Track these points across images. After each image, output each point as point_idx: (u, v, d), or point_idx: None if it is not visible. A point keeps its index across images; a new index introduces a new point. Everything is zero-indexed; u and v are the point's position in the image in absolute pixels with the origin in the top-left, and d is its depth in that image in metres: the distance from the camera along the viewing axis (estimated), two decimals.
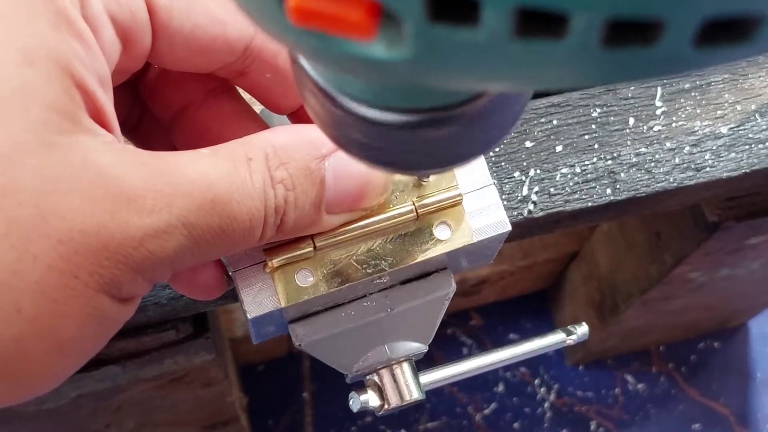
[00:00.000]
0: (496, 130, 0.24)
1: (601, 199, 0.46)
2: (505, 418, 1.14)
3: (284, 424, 1.11)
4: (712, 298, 0.94)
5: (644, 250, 0.80)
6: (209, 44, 0.31)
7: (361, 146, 0.23)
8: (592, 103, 0.48)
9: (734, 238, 0.66)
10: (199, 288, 0.34)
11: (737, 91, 0.49)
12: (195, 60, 0.31)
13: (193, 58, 0.31)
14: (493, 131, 0.24)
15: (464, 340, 1.17)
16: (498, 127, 0.24)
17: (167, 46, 0.30)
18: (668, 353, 1.18)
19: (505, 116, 0.23)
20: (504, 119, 0.24)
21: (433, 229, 0.35)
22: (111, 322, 0.27)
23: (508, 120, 0.24)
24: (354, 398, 0.38)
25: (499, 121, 0.23)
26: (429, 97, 0.21)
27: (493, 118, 0.23)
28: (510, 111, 0.23)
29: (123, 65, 0.30)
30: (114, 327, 0.27)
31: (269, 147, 0.29)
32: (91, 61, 0.26)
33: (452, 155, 0.24)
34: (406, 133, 0.22)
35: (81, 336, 0.26)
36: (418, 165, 0.24)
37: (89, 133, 0.26)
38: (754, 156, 0.47)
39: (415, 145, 0.23)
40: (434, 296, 0.38)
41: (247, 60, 0.32)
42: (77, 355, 0.27)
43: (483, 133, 0.23)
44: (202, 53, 0.31)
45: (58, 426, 0.64)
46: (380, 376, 0.38)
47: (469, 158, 0.24)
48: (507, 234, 0.37)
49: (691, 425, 1.15)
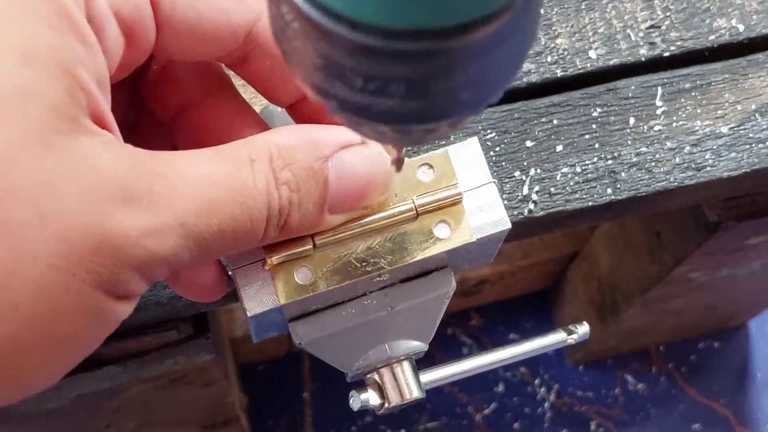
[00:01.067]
0: (504, 68, 0.22)
1: (601, 198, 0.46)
2: (505, 418, 1.14)
3: (284, 424, 1.11)
4: (712, 298, 0.94)
5: (644, 250, 0.80)
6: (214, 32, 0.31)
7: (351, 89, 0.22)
8: (593, 103, 0.48)
9: (734, 238, 0.66)
10: (199, 289, 0.34)
11: (737, 91, 0.49)
12: (199, 49, 0.32)
13: (198, 47, 0.31)
14: (501, 68, 0.22)
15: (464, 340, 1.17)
16: (506, 63, 0.22)
17: (171, 36, 0.30)
18: (668, 353, 1.18)
19: (514, 48, 0.22)
20: (514, 52, 0.22)
21: (432, 228, 0.35)
22: (108, 320, 0.27)
23: (517, 54, 0.22)
24: (354, 397, 0.38)
25: (507, 55, 0.22)
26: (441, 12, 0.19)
27: (501, 49, 0.21)
28: (519, 42, 0.22)
29: (126, 60, 0.30)
30: (111, 324, 0.27)
31: (273, 147, 0.29)
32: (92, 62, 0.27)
33: (454, 98, 0.22)
34: (405, 65, 0.20)
35: (78, 333, 0.26)
36: (415, 113, 0.23)
37: (88, 134, 0.26)
38: (755, 156, 0.47)
39: (414, 82, 0.21)
40: (434, 295, 0.38)
41: (249, 46, 0.32)
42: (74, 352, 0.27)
43: (488, 70, 0.22)
44: (207, 42, 0.31)
45: (58, 426, 0.64)
46: (380, 375, 0.38)
47: (470, 106, 0.23)
48: (507, 232, 0.37)
49: (691, 425, 1.15)
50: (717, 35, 0.50)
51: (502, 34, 0.21)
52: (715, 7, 0.51)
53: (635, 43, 0.49)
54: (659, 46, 0.50)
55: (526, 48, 0.23)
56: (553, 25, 0.50)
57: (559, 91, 0.48)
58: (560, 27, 0.50)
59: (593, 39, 0.49)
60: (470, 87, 0.22)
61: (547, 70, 0.49)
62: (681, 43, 0.50)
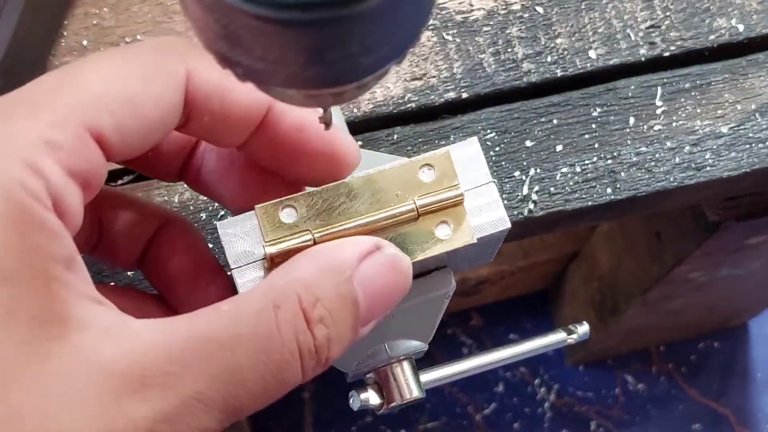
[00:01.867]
0: (400, 31, 0.22)
1: (601, 198, 0.46)
2: (505, 418, 1.14)
3: (284, 424, 1.11)
4: (712, 298, 0.94)
5: (644, 250, 0.80)
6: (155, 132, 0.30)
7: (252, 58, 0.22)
8: (593, 103, 0.48)
9: (734, 238, 0.66)
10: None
11: (737, 91, 0.49)
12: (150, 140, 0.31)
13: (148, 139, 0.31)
14: (396, 32, 0.22)
15: (464, 340, 1.17)
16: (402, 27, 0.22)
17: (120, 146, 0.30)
18: (668, 353, 1.18)
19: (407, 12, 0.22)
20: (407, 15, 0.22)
21: (433, 229, 0.35)
22: None
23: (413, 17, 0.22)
24: (354, 397, 0.38)
25: (401, 19, 0.22)
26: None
27: (393, 14, 0.21)
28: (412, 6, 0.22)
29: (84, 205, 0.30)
30: None
31: (300, 287, 0.28)
32: (59, 248, 0.26)
33: (354, 64, 0.22)
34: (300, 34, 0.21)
35: None
36: (317, 79, 0.23)
37: (83, 328, 0.25)
38: (755, 155, 0.47)
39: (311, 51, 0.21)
40: (434, 294, 0.38)
41: (187, 109, 0.32)
42: None
43: (383, 35, 0.22)
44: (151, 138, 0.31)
45: None
46: (380, 375, 0.38)
47: (372, 69, 0.23)
48: (507, 232, 0.37)
49: (691, 425, 1.15)
50: (717, 35, 0.50)
51: (392, 2, 0.21)
52: (715, 7, 0.51)
53: (635, 42, 0.49)
54: (659, 45, 0.50)
55: (421, 11, 0.23)
56: (553, 25, 0.50)
57: (558, 91, 0.48)
58: (560, 27, 0.50)
59: (593, 39, 0.49)
60: (368, 52, 0.22)
61: (547, 70, 0.49)
62: (681, 43, 0.50)
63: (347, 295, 0.29)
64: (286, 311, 0.27)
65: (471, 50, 0.49)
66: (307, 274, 0.29)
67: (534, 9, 0.50)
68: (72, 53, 0.47)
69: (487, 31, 0.49)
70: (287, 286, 0.28)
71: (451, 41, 0.49)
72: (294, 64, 0.22)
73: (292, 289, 0.28)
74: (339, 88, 0.24)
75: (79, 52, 0.48)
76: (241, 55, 0.23)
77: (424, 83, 0.48)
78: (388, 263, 0.31)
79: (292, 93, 0.25)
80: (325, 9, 0.20)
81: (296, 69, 0.22)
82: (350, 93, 0.26)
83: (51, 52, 0.48)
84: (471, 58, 0.48)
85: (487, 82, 0.48)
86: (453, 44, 0.49)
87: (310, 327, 0.28)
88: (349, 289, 0.29)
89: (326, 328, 0.28)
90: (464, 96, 0.48)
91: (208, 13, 0.22)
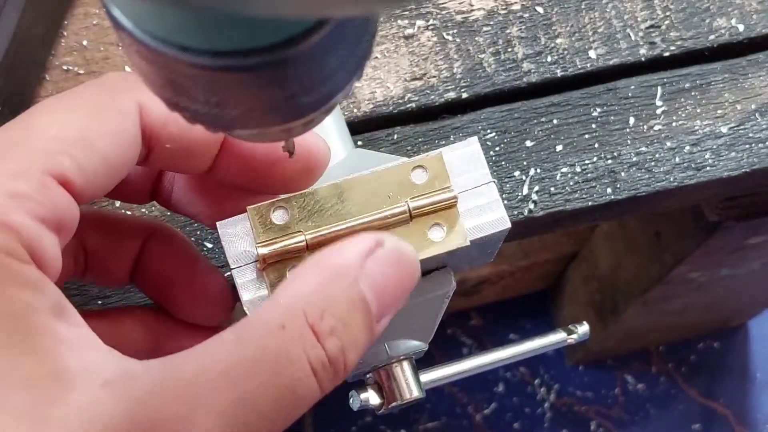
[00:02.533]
0: (339, 71, 0.23)
1: (601, 198, 0.46)
2: (505, 418, 1.14)
3: None
4: (712, 298, 0.94)
5: (644, 250, 0.80)
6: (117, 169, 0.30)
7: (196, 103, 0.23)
8: (593, 103, 0.48)
9: (734, 238, 0.66)
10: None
11: (737, 91, 0.49)
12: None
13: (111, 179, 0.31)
14: (336, 72, 0.23)
15: (464, 340, 1.17)
16: (340, 66, 0.23)
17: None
18: (668, 353, 1.18)
19: (345, 52, 0.22)
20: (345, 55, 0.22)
21: (426, 231, 0.35)
22: None
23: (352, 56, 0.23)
24: (354, 397, 0.38)
25: (339, 59, 0.22)
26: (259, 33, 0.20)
27: (329, 55, 0.22)
28: (349, 47, 0.22)
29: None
30: None
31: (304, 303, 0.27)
32: (48, 300, 0.26)
33: (296, 103, 0.23)
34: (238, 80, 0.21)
35: None
36: (262, 120, 0.23)
37: (80, 384, 0.25)
38: (755, 155, 0.47)
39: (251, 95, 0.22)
40: (434, 294, 0.38)
41: (149, 142, 0.32)
42: None
43: (322, 75, 0.22)
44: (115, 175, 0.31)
45: None
46: (380, 375, 0.38)
47: (315, 107, 0.23)
48: (507, 232, 0.37)
49: (691, 425, 1.15)
50: (717, 35, 0.50)
51: (327, 44, 0.21)
52: (715, 6, 0.51)
53: (635, 42, 0.49)
54: (659, 45, 0.50)
55: (359, 50, 0.23)
56: (553, 24, 0.50)
57: (559, 90, 0.48)
58: (560, 27, 0.50)
59: (593, 39, 0.49)
60: (308, 92, 0.23)
61: (547, 70, 0.49)
62: (681, 43, 0.50)
63: (356, 298, 0.28)
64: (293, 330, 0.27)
65: (471, 50, 0.49)
66: (311, 287, 0.28)
67: (534, 9, 0.50)
68: (72, 53, 0.47)
69: (487, 31, 0.49)
70: (291, 304, 0.27)
71: (451, 41, 0.49)
72: (237, 107, 0.23)
73: (296, 306, 0.27)
74: (285, 125, 0.24)
75: (79, 52, 0.48)
76: (186, 102, 0.23)
77: (424, 83, 0.48)
78: (393, 257, 0.30)
79: (241, 132, 0.25)
80: (261, 54, 0.20)
81: (239, 112, 0.23)
82: (297, 130, 0.26)
83: (51, 51, 0.47)
84: (471, 58, 0.48)
85: (487, 82, 0.48)
86: (453, 44, 0.49)
87: (321, 341, 0.27)
88: (357, 291, 0.28)
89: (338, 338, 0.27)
90: (464, 96, 0.48)
91: (151, 63, 0.22)
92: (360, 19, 0.22)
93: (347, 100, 0.47)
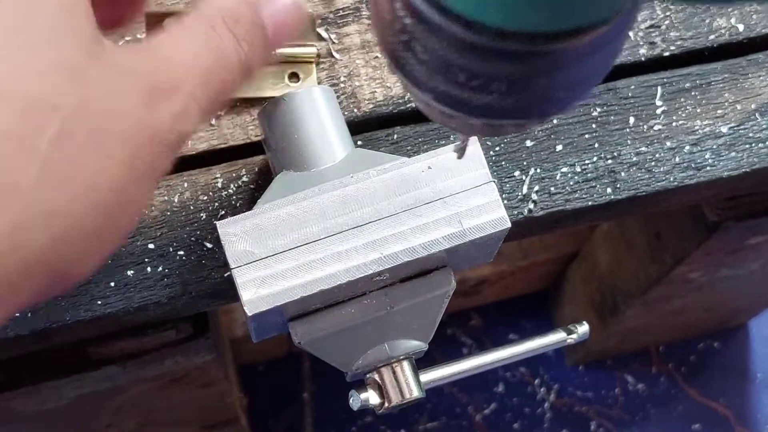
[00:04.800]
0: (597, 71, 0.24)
1: (601, 198, 0.46)
2: (505, 418, 1.14)
3: (284, 424, 1.11)
4: (712, 298, 0.94)
5: (644, 250, 0.80)
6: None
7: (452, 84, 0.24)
8: (593, 102, 0.48)
9: (734, 238, 0.66)
10: None
11: (737, 91, 0.49)
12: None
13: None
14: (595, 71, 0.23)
15: (464, 340, 1.17)
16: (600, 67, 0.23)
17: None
18: (668, 353, 1.18)
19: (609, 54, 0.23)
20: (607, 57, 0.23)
21: (285, 75, 0.44)
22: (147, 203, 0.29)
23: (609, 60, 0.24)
24: (354, 396, 0.38)
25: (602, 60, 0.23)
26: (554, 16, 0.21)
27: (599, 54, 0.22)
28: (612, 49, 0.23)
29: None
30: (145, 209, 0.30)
31: (221, 12, 0.33)
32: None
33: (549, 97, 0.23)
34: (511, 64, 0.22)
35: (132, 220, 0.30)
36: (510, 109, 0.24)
37: (105, 40, 0.29)
38: (755, 155, 0.47)
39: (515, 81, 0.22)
40: (434, 294, 0.38)
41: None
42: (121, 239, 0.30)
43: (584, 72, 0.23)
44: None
45: (58, 426, 0.64)
46: (380, 375, 0.38)
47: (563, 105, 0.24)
48: (507, 231, 0.37)
49: (691, 425, 1.15)
50: (717, 35, 0.50)
51: (603, 40, 0.22)
52: (714, 6, 0.51)
53: (635, 42, 0.49)
54: (659, 45, 0.50)
55: (616, 54, 0.24)
56: None
57: None
58: None
59: None
60: (566, 87, 0.23)
61: None
62: (681, 43, 0.50)
63: (259, 23, 0.33)
64: (221, 28, 0.32)
65: None
66: (226, 3, 0.33)
67: None
68: None
69: None
70: (212, 13, 0.32)
71: None
72: (494, 92, 0.23)
73: (216, 15, 0.32)
74: (525, 120, 0.25)
75: None
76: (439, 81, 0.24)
77: None
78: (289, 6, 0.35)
79: (475, 122, 0.26)
80: (545, 42, 0.21)
81: (493, 98, 0.23)
82: (529, 126, 0.27)
83: None
84: None
85: None
86: None
87: (239, 41, 0.33)
88: (260, 15, 0.34)
89: (246, 44, 0.33)
90: None
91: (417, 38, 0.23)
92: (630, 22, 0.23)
93: (347, 99, 0.47)
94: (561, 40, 0.21)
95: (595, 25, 0.21)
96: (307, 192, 0.37)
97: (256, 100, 0.46)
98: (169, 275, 0.43)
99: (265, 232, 0.36)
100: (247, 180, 0.45)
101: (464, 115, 0.25)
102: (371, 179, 0.36)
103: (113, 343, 0.49)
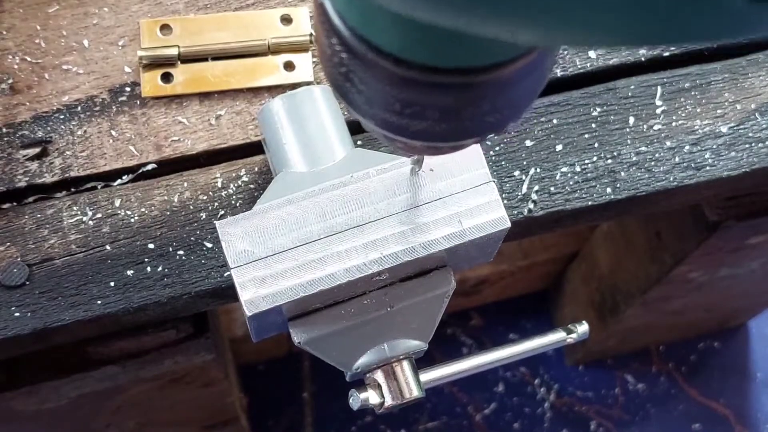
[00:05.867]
0: (525, 96, 0.25)
1: (601, 198, 0.46)
2: (505, 418, 1.14)
3: (284, 424, 1.11)
4: (712, 298, 0.94)
5: (644, 250, 0.80)
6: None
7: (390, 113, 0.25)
8: (593, 102, 0.48)
9: (734, 238, 0.66)
10: None
11: (737, 90, 0.49)
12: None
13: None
14: (523, 97, 0.25)
15: (464, 340, 1.17)
16: (527, 92, 0.25)
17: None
18: (668, 353, 1.18)
19: (536, 80, 0.25)
20: (535, 83, 0.25)
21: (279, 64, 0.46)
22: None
23: (538, 84, 0.25)
24: (354, 396, 0.38)
25: (530, 85, 0.25)
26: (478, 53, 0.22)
27: (525, 81, 0.24)
28: (540, 74, 0.25)
29: None
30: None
31: None
32: None
33: (481, 122, 0.25)
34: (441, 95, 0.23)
35: None
36: (445, 134, 0.26)
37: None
38: (755, 155, 0.47)
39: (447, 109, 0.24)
40: (434, 294, 0.38)
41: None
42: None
43: (511, 98, 0.24)
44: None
45: (58, 426, 0.64)
46: (380, 374, 0.38)
47: (495, 127, 0.26)
48: (506, 231, 0.37)
49: (691, 425, 1.15)
50: None
51: (526, 70, 0.23)
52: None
53: None
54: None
55: (544, 79, 0.26)
56: None
57: (558, 90, 0.48)
58: None
59: None
60: (496, 112, 0.25)
61: None
62: None
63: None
64: None
65: None
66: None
67: None
68: (72, 53, 0.47)
69: None
70: None
71: None
72: (429, 119, 0.25)
73: None
74: (461, 142, 0.27)
75: (78, 52, 0.47)
76: (379, 110, 0.26)
77: None
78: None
79: (416, 144, 0.27)
80: (470, 74, 0.23)
81: (428, 124, 0.25)
82: (467, 146, 0.28)
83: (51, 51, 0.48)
84: None
85: None
86: None
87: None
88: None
89: None
90: None
91: (353, 72, 0.24)
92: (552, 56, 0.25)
93: None
94: (484, 73, 0.23)
95: (514, 59, 0.23)
96: (307, 192, 0.37)
97: (255, 99, 0.46)
98: (169, 275, 0.43)
99: (265, 231, 0.36)
100: (247, 180, 0.45)
101: (405, 139, 0.27)
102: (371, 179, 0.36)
103: (113, 343, 0.49)
